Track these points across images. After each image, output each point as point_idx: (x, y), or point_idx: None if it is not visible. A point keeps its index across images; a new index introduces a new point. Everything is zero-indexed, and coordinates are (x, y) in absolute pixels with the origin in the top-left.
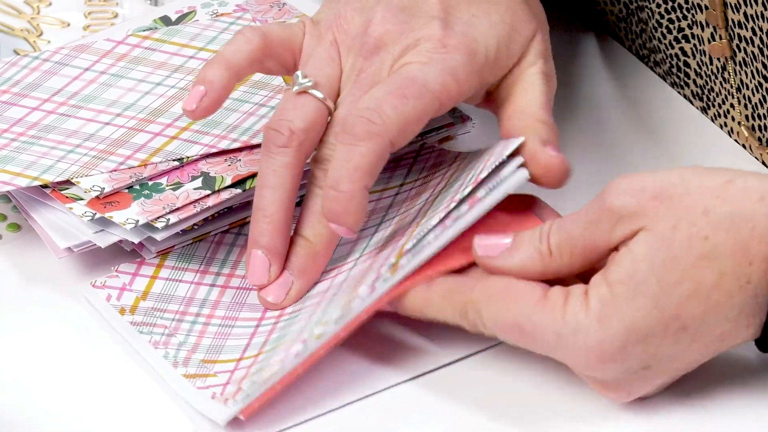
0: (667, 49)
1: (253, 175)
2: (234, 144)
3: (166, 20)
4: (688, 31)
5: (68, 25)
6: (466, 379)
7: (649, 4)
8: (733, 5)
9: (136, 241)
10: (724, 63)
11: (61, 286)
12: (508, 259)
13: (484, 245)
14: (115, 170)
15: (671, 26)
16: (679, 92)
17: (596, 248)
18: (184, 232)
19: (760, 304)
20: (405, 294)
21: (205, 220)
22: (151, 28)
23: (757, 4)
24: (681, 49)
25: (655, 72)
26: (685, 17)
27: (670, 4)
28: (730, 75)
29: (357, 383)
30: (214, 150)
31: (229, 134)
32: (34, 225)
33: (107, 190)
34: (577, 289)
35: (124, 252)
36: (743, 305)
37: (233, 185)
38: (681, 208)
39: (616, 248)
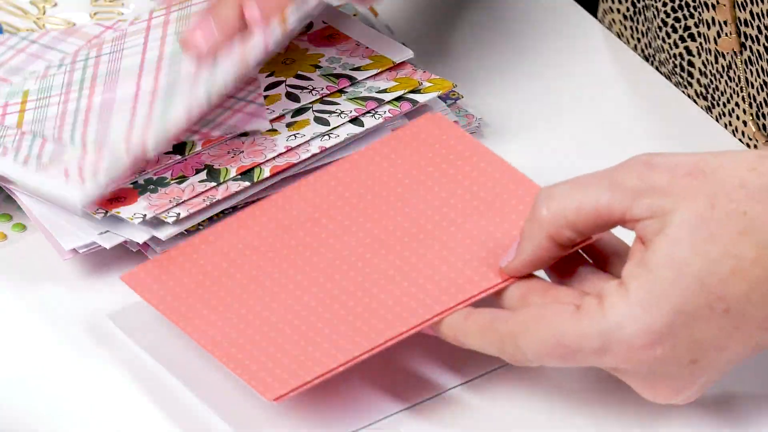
0: (671, 49)
1: (258, 166)
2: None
3: None
4: (694, 30)
5: (74, 25)
6: (461, 408)
7: (655, 2)
8: (739, 3)
9: (140, 241)
10: (730, 61)
11: (67, 286)
12: (520, 254)
13: (503, 256)
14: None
15: (677, 25)
16: (683, 92)
17: (608, 216)
18: (189, 232)
19: None
20: (442, 320)
21: (210, 219)
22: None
23: (763, 2)
24: (686, 48)
25: (660, 72)
26: (692, 15)
27: (677, 2)
28: (736, 73)
29: (352, 414)
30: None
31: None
32: (39, 226)
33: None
34: (610, 286)
35: (129, 253)
36: None
37: (239, 177)
38: (716, 182)
39: (632, 223)
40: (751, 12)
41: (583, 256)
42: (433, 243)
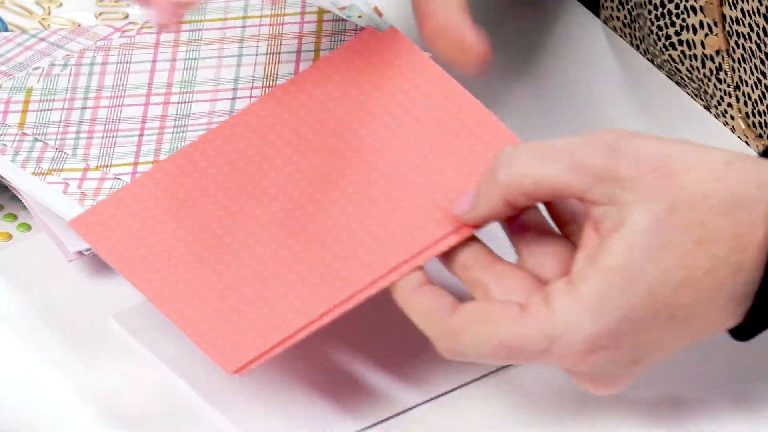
0: (661, 54)
1: None
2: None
3: None
4: (675, 38)
5: (79, 26)
6: (453, 413)
7: (642, 9)
8: (730, 2)
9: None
10: (719, 63)
11: (71, 286)
12: (475, 210)
13: (457, 203)
14: None
15: (660, 33)
16: (683, 89)
17: (566, 193)
18: None
19: (748, 292)
20: (396, 283)
21: None
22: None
23: None
24: (670, 56)
25: (661, 72)
26: (673, 23)
27: (660, 10)
28: (726, 74)
29: (350, 416)
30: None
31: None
32: (44, 227)
33: None
34: (557, 285)
35: None
36: (732, 293)
37: None
38: (680, 188)
39: (588, 203)
40: (741, 10)
41: (541, 219)
42: (388, 187)
